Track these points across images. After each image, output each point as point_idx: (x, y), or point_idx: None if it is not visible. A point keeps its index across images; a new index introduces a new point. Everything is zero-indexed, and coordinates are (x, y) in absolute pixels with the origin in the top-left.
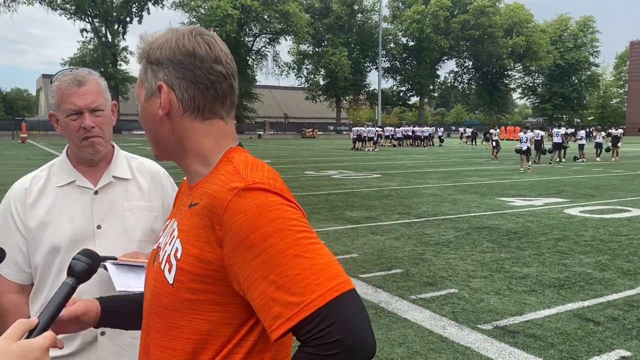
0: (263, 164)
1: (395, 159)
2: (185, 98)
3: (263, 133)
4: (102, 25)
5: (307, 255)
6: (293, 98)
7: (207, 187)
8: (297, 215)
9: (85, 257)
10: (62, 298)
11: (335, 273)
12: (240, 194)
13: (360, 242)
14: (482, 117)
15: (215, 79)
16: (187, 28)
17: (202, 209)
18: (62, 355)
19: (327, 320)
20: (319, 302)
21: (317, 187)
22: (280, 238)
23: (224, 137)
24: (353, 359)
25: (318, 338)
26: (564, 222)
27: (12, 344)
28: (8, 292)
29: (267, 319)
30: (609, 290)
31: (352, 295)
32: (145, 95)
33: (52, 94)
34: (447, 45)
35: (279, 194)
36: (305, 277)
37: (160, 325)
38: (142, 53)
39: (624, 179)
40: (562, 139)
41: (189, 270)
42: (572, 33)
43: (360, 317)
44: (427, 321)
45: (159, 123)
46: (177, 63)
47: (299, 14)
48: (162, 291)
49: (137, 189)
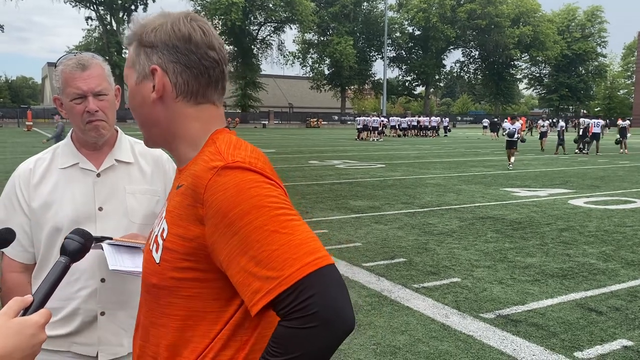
0: (246, 144)
1: (400, 149)
2: (179, 82)
3: (267, 122)
4: (107, 14)
5: (285, 231)
6: (298, 87)
7: (192, 167)
8: (276, 192)
9: (78, 236)
10: (56, 276)
11: (313, 248)
12: (219, 173)
13: (364, 231)
14: (488, 107)
15: (208, 64)
16: (181, 12)
17: (186, 189)
18: (62, 335)
19: (305, 294)
20: (296, 276)
21: (321, 177)
22: (258, 214)
23: (213, 121)
24: (331, 331)
25: (296, 311)
26: (568, 212)
27: (8, 321)
28: (12, 271)
29: (246, 294)
30: (612, 281)
31: (331, 270)
32: (136, 78)
33: (57, 77)
34: (453, 35)
35: (258, 172)
36: (284, 252)
37: (151, 303)
38: (133, 35)
39: (630, 170)
40: (601, 129)
41: (174, 249)
42: (579, 23)
43: (338, 291)
44: (429, 309)
45: (151, 106)
46: (172, 47)
47: (304, 2)
48: (150, 270)
49: (140, 173)
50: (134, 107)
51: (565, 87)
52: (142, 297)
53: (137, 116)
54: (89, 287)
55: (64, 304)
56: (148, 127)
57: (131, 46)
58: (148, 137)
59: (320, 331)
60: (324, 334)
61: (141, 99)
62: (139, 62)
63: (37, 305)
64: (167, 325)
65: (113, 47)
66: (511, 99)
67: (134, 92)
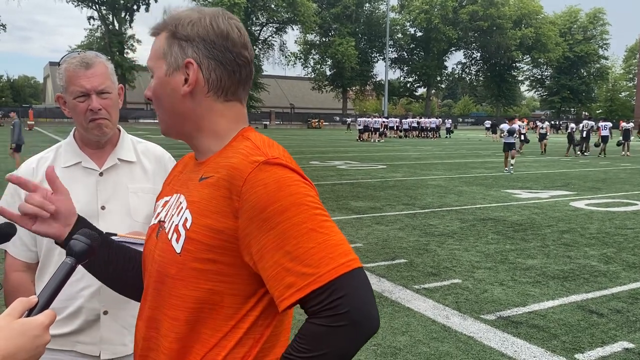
0: (277, 143)
1: (401, 150)
2: (212, 78)
3: (269, 123)
4: (110, 13)
5: (322, 230)
6: (299, 88)
7: (222, 160)
8: (312, 192)
9: (84, 237)
10: (61, 277)
11: (346, 250)
12: (260, 167)
13: (365, 232)
14: (489, 109)
15: (242, 63)
16: (217, 9)
17: (218, 181)
18: (65, 334)
19: (337, 293)
20: (332, 275)
21: (322, 177)
22: (297, 212)
23: (239, 119)
24: (359, 332)
25: (328, 309)
26: (569, 214)
27: (12, 322)
28: (15, 271)
29: (278, 287)
30: (613, 283)
31: (361, 273)
32: (167, 70)
33: (60, 75)
34: (455, 36)
35: (296, 171)
36: (320, 251)
37: (163, 294)
38: (165, 25)
39: (632, 173)
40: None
41: (199, 239)
42: (581, 25)
43: (367, 293)
44: (430, 310)
45: (180, 99)
46: (210, 42)
47: (306, 3)
48: (168, 260)
49: (142, 172)
50: (161, 98)
51: (567, 89)
52: (152, 288)
53: (161, 107)
54: (92, 286)
55: (67, 303)
56: (172, 118)
57: (159, 36)
58: (169, 128)
59: (348, 331)
60: (352, 333)
61: (170, 90)
62: (172, 54)
63: (42, 306)
64: (179, 319)
65: (115, 47)
66: (513, 101)
67: (163, 82)
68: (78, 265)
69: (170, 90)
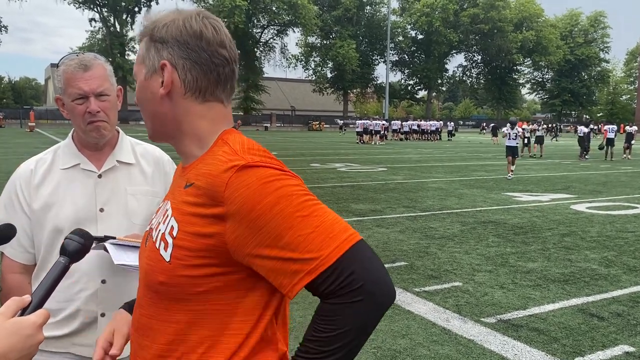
0: (256, 143)
1: (402, 153)
2: (188, 79)
3: (269, 125)
4: (111, 15)
5: (316, 214)
6: (300, 90)
7: (203, 167)
8: (297, 182)
9: (77, 236)
10: (55, 277)
11: (344, 226)
12: (240, 170)
13: (365, 234)
14: (490, 112)
15: (219, 62)
16: (194, 10)
17: (199, 189)
18: (62, 335)
19: (347, 270)
20: (335, 254)
21: (322, 180)
22: (287, 203)
23: (221, 120)
24: (376, 303)
25: (342, 288)
26: (570, 217)
27: (5, 321)
28: (12, 272)
29: (284, 278)
30: (614, 286)
31: (364, 244)
32: (145, 73)
33: (59, 77)
34: (456, 39)
35: (276, 168)
36: (319, 234)
37: (159, 300)
38: (145, 31)
39: (632, 176)
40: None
41: (186, 246)
42: (582, 28)
43: (375, 263)
44: (430, 313)
45: (159, 102)
46: (183, 43)
47: (308, 5)
48: (157, 269)
49: (141, 174)
50: (143, 102)
51: (568, 92)
52: (146, 297)
53: (144, 112)
54: (90, 289)
55: (65, 305)
56: (154, 122)
57: (142, 42)
58: (153, 132)
59: (366, 304)
60: (370, 306)
61: (150, 94)
62: (149, 57)
63: (35, 306)
64: (180, 322)
65: (116, 49)
66: (513, 104)
67: (143, 87)
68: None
69: (150, 93)
